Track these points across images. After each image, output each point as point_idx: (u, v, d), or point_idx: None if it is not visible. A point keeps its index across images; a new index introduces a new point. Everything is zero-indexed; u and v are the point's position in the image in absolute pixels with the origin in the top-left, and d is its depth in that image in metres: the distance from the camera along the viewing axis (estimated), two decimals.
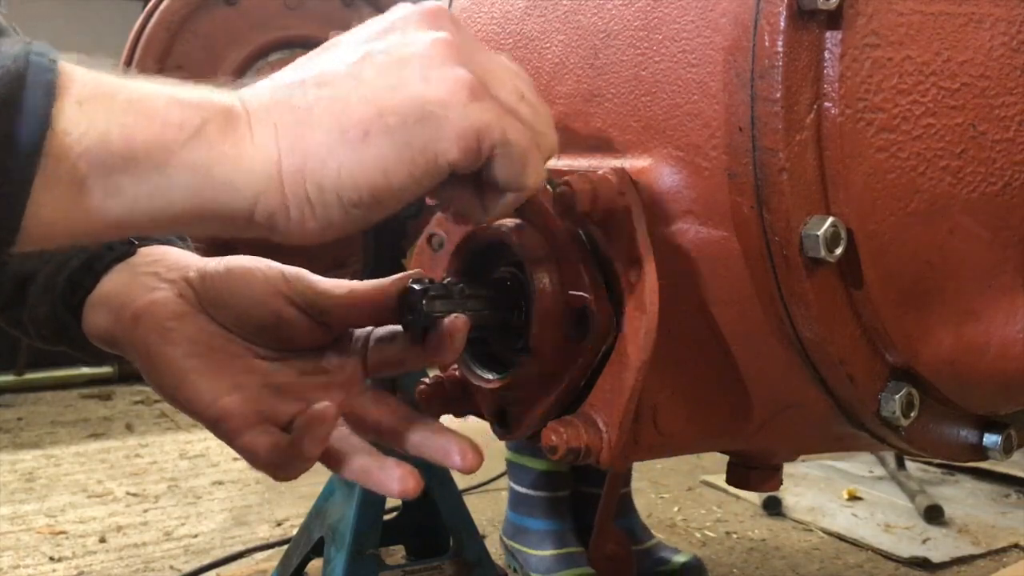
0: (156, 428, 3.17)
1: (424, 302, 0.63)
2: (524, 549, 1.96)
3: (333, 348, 0.68)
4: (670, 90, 0.62)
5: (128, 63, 1.59)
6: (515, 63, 0.56)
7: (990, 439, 0.69)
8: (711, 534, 2.22)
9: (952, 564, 2.06)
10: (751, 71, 0.57)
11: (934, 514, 2.28)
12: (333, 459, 0.65)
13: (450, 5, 0.83)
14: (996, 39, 0.60)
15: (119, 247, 0.73)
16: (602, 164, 0.66)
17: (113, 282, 0.72)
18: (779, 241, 0.58)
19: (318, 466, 0.64)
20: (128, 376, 3.84)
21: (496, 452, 2.23)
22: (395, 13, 0.54)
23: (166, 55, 1.59)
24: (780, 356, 0.63)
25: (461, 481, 1.91)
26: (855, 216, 0.58)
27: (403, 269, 1.68)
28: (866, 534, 2.20)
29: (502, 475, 2.37)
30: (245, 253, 0.74)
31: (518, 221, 0.67)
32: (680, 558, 1.93)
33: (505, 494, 2.41)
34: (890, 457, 2.61)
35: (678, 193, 0.62)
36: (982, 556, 2.11)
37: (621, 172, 0.62)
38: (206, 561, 2.00)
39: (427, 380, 0.73)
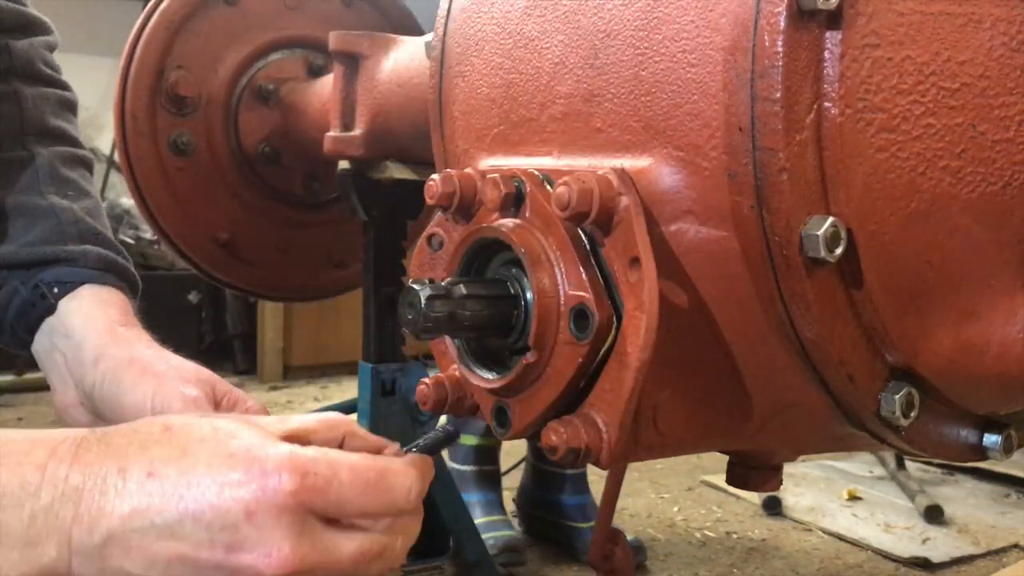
0: None
1: (424, 302, 0.63)
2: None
3: None
4: (670, 90, 0.62)
5: (128, 63, 1.59)
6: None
7: (990, 439, 0.69)
8: (711, 534, 2.22)
9: (952, 564, 2.06)
10: (751, 71, 0.57)
11: (934, 514, 2.28)
12: None
13: (449, 6, 0.83)
14: (996, 39, 0.60)
15: (40, 303, 0.91)
16: (602, 164, 0.66)
17: (38, 344, 0.90)
18: (779, 241, 0.58)
19: None
20: None
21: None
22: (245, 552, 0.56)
23: (166, 55, 1.58)
24: (780, 356, 0.63)
25: None
26: (855, 216, 0.58)
27: (403, 269, 1.68)
28: (866, 534, 2.19)
29: (501, 476, 2.37)
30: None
31: (518, 221, 0.67)
32: None
33: (506, 494, 2.41)
34: (890, 457, 2.61)
35: (678, 193, 0.62)
36: (982, 556, 2.11)
37: (621, 172, 0.62)
38: None
39: (427, 380, 0.73)
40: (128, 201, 3.97)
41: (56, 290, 0.90)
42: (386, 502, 0.59)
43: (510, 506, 2.36)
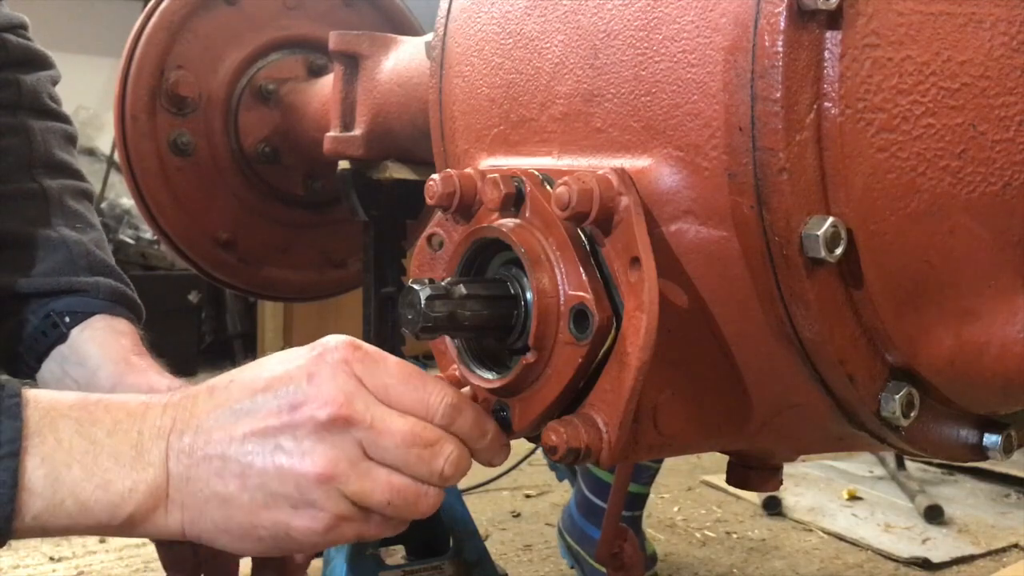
0: None
1: (424, 302, 0.63)
2: (589, 559, 1.93)
3: None
4: (670, 90, 0.62)
5: (128, 63, 1.59)
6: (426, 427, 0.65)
7: (990, 439, 0.69)
8: (711, 534, 2.22)
9: (952, 564, 2.06)
10: (751, 71, 0.57)
11: (934, 514, 2.28)
12: None
13: (449, 6, 0.83)
14: (996, 39, 0.60)
15: (51, 332, 0.88)
16: (602, 164, 0.66)
17: (47, 371, 0.91)
18: (779, 241, 0.58)
19: None
20: None
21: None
22: (303, 405, 0.63)
23: (166, 55, 1.58)
24: (780, 356, 0.63)
25: (461, 481, 1.90)
26: (855, 216, 0.58)
27: (403, 269, 1.68)
28: (866, 534, 2.19)
29: (502, 475, 2.37)
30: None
31: (518, 221, 0.67)
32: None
33: (505, 494, 2.41)
34: (890, 457, 2.61)
35: (678, 193, 0.62)
36: (982, 556, 2.11)
37: (621, 172, 0.62)
38: None
39: None
40: (128, 201, 3.97)
41: (68, 319, 0.93)
42: (421, 398, 0.64)
43: (506, 505, 2.36)
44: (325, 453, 0.62)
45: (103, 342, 0.92)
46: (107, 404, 0.64)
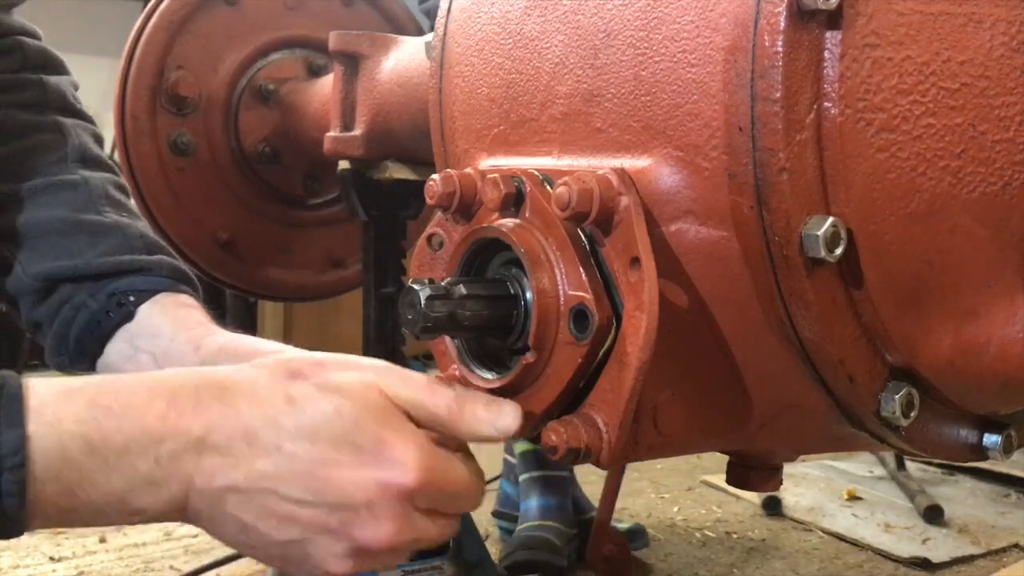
0: None
1: (424, 302, 0.63)
2: (507, 512, 2.00)
3: None
4: (670, 90, 0.62)
5: (128, 63, 1.59)
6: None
7: (990, 439, 0.69)
8: (711, 534, 2.22)
9: (952, 564, 2.06)
10: (751, 71, 0.57)
11: (934, 514, 2.27)
12: None
13: (450, 6, 0.83)
14: (996, 39, 0.60)
15: (116, 311, 0.91)
16: (602, 164, 0.66)
17: (115, 352, 0.89)
18: (779, 241, 0.58)
19: None
20: None
21: (495, 452, 2.23)
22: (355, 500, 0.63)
23: (166, 55, 1.58)
24: (780, 356, 0.63)
25: None
26: (855, 216, 0.58)
27: (403, 269, 1.68)
28: (866, 534, 2.19)
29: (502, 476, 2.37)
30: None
31: (518, 221, 0.67)
32: (624, 525, 2.02)
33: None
34: (890, 457, 2.61)
35: (678, 193, 0.62)
36: (982, 556, 2.11)
37: (621, 172, 0.62)
38: (206, 561, 1.99)
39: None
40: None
41: (132, 298, 0.90)
42: (458, 508, 0.69)
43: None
44: (347, 566, 0.64)
45: (175, 315, 0.90)
46: (119, 412, 0.61)
